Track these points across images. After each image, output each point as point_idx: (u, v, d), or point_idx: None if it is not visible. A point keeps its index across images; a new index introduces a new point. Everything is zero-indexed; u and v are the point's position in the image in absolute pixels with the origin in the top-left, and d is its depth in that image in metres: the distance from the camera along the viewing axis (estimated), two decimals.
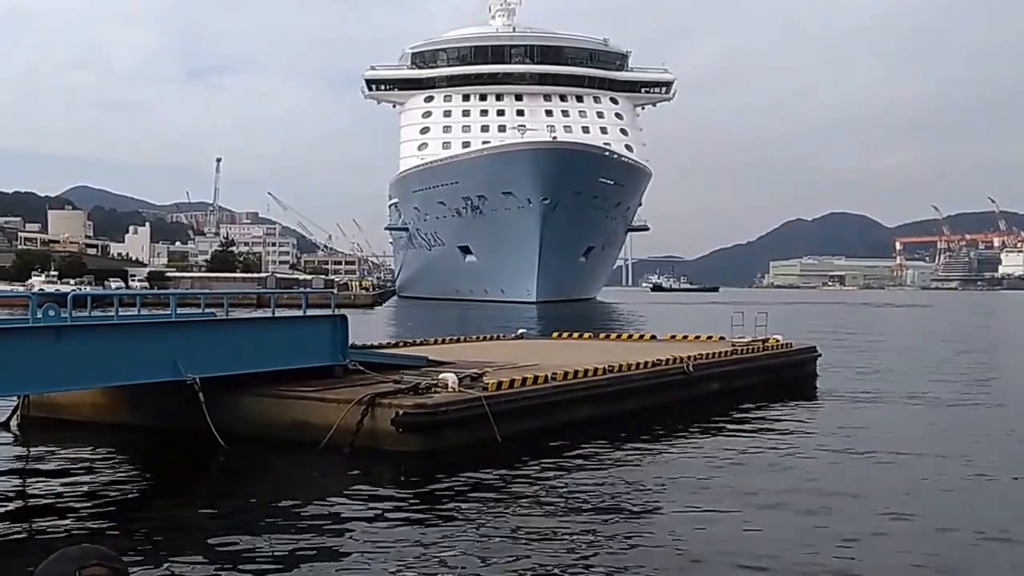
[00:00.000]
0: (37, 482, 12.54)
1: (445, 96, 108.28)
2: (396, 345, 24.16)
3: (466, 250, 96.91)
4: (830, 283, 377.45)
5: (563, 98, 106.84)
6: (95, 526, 10.09)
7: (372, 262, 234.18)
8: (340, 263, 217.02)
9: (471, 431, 13.89)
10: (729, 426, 17.03)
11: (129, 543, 9.30)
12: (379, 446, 13.34)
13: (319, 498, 11.47)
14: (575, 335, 29.15)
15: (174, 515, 10.73)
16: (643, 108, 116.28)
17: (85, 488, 12.01)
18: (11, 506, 11.26)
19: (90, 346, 13.21)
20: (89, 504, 11.21)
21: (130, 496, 11.93)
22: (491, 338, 28.14)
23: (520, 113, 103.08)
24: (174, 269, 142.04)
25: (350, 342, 16.76)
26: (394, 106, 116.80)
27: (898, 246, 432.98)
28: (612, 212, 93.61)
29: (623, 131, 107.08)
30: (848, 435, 16.06)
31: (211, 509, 11.07)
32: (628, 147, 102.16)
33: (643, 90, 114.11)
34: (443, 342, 25.31)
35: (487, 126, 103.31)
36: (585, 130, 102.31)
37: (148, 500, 11.87)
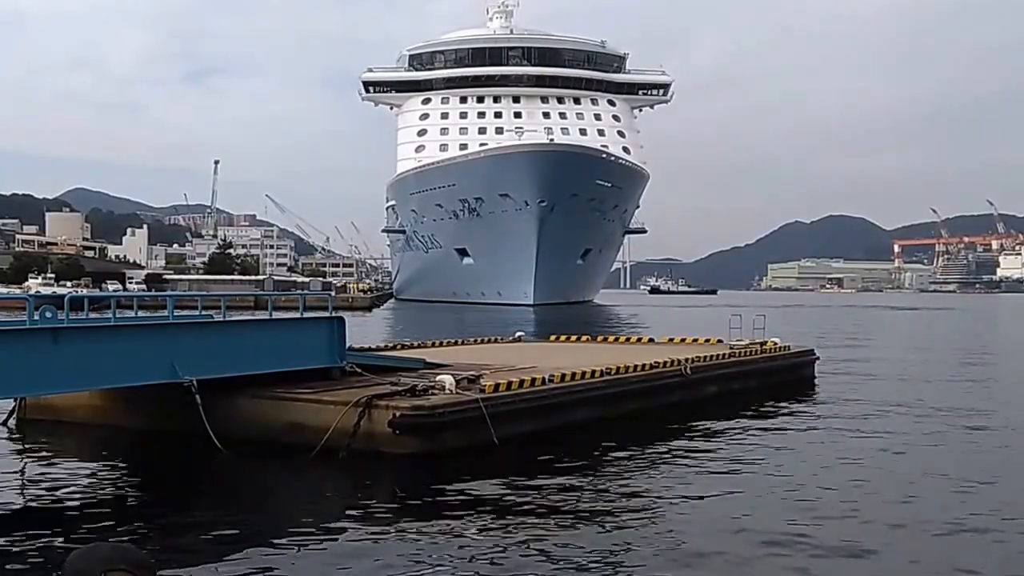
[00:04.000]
0: (33, 484, 12.50)
1: (443, 98, 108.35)
2: (393, 347, 24.12)
3: (463, 252, 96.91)
4: (828, 286, 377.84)
5: (560, 100, 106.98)
6: (91, 528, 10.06)
7: (370, 264, 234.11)
8: (338, 265, 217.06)
9: (468, 433, 13.86)
10: (727, 429, 17.00)
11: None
12: (376, 448, 13.31)
13: (315, 501, 11.45)
14: (573, 338, 29.13)
15: (170, 518, 10.70)
16: (640, 110, 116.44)
17: (81, 490, 11.99)
18: (7, 508, 11.22)
19: (87, 348, 13.18)
20: (85, 506, 11.18)
21: (126, 499, 11.91)
22: (489, 341, 28.13)
23: (518, 115, 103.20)
24: (172, 271, 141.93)
25: (347, 344, 16.72)
26: (392, 108, 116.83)
27: (896, 248, 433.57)
28: (609, 214, 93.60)
29: (620, 133, 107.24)
30: (846, 438, 16.04)
31: (207, 512, 11.05)
32: (626, 149, 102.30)
33: (641, 92, 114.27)
34: (440, 344, 25.29)
35: (484, 128, 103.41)
36: (582, 132, 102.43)
37: (144, 503, 11.83)
